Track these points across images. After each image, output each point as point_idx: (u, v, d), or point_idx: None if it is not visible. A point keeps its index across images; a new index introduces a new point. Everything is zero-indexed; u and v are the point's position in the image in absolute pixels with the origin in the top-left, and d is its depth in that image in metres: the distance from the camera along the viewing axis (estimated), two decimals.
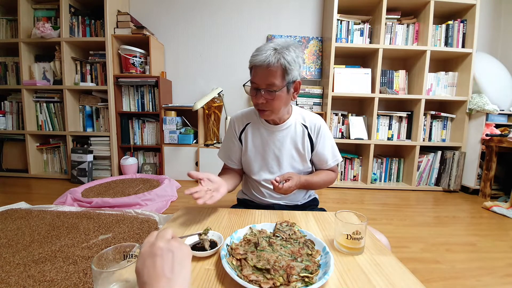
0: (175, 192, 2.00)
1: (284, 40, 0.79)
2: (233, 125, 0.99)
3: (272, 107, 0.83)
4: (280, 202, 0.98)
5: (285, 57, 0.75)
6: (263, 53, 0.76)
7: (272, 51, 0.76)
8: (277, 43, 0.78)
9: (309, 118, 0.96)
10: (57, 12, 2.28)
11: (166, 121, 2.33)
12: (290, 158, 0.94)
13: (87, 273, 0.96)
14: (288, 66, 0.76)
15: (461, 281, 1.05)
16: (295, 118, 0.94)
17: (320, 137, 0.94)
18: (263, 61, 0.75)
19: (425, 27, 2.24)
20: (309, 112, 0.99)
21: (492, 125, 2.17)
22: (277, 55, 0.75)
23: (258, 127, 0.95)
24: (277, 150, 0.93)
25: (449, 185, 2.29)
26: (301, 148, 0.94)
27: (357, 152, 2.54)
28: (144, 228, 1.35)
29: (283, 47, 0.76)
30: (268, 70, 0.76)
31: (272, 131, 0.93)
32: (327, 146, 0.96)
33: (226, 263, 0.47)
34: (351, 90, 2.30)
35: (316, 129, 0.94)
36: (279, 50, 0.76)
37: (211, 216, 0.77)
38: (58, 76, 2.34)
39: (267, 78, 0.77)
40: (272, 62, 0.75)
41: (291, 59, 0.76)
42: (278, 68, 0.76)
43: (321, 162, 0.97)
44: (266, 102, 0.81)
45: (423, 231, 1.50)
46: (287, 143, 0.93)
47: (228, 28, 2.58)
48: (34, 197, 1.91)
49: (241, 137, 0.97)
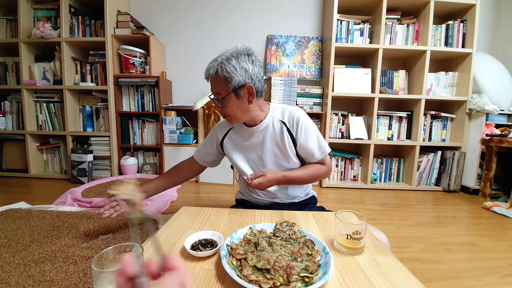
0: (175, 192, 2.00)
1: (232, 49, 0.85)
2: (216, 132, 1.05)
3: (228, 113, 0.89)
4: (276, 200, 0.99)
5: (223, 67, 0.81)
6: (209, 67, 0.85)
7: (215, 63, 0.83)
8: (222, 54, 0.84)
9: (288, 112, 0.95)
10: (57, 12, 2.28)
11: (166, 121, 2.33)
12: (273, 156, 0.95)
13: (87, 273, 0.96)
14: (227, 75, 0.81)
15: (461, 281, 1.05)
16: (272, 116, 0.95)
17: (301, 130, 0.93)
18: (208, 74, 0.85)
19: (425, 27, 2.24)
20: (288, 106, 0.99)
21: (492, 125, 2.17)
22: (217, 66, 0.82)
23: (238, 131, 0.99)
24: (259, 150, 0.96)
25: (449, 185, 2.29)
26: (282, 145, 0.94)
27: (357, 152, 2.54)
28: (144, 228, 1.35)
29: (224, 58, 0.83)
30: (213, 81, 0.85)
31: (252, 133, 0.96)
32: (311, 138, 0.94)
33: (226, 263, 0.47)
34: (351, 90, 2.30)
35: (295, 122, 0.93)
36: (220, 61, 0.82)
37: (211, 216, 0.77)
38: (58, 76, 2.34)
39: (213, 87, 0.87)
40: (213, 73, 0.83)
41: (232, 67, 0.81)
42: (220, 78, 0.83)
43: (307, 155, 0.96)
44: (222, 108, 0.88)
45: (423, 231, 1.50)
46: (268, 142, 0.94)
47: (228, 28, 2.58)
48: (34, 197, 1.91)
49: (223, 142, 1.02)
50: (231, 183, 2.29)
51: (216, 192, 2.09)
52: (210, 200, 1.92)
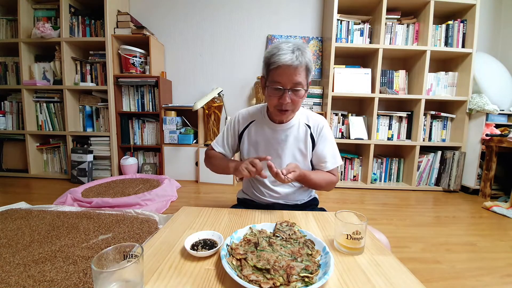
0: (175, 192, 2.00)
1: (297, 41, 0.80)
2: (237, 121, 1.00)
3: (295, 107, 0.84)
4: (280, 201, 0.98)
5: (306, 56, 0.77)
6: (288, 52, 0.76)
7: (296, 51, 0.76)
8: (294, 43, 0.78)
9: (313, 118, 0.96)
10: (57, 12, 2.28)
11: (166, 121, 2.33)
12: (292, 157, 0.94)
13: (87, 273, 0.96)
14: (310, 65, 0.79)
15: (461, 281, 1.05)
16: (299, 118, 0.95)
17: (321, 137, 0.94)
18: (292, 60, 0.75)
19: (425, 27, 2.24)
20: (314, 113, 1.00)
21: (492, 125, 2.17)
22: (301, 55, 0.76)
23: (262, 125, 0.96)
24: (280, 149, 0.94)
25: (449, 185, 2.29)
26: (303, 147, 0.94)
27: (357, 152, 2.54)
28: (144, 228, 1.35)
29: (301, 47, 0.78)
30: (295, 69, 0.77)
31: (276, 130, 0.93)
32: (328, 147, 0.95)
33: (226, 263, 0.47)
34: (351, 90, 2.30)
35: (318, 129, 0.94)
36: (301, 50, 0.77)
37: (211, 216, 0.77)
38: (58, 76, 2.34)
39: (294, 77, 0.78)
40: (299, 61, 0.76)
41: (310, 58, 0.79)
42: (303, 67, 0.78)
43: (319, 162, 0.96)
44: (291, 102, 0.81)
45: (423, 231, 1.50)
46: (290, 142, 0.93)
47: (228, 28, 2.58)
48: (34, 197, 1.91)
49: (243, 134, 0.98)
50: (231, 183, 2.29)
51: (216, 192, 2.09)
52: (210, 200, 1.92)
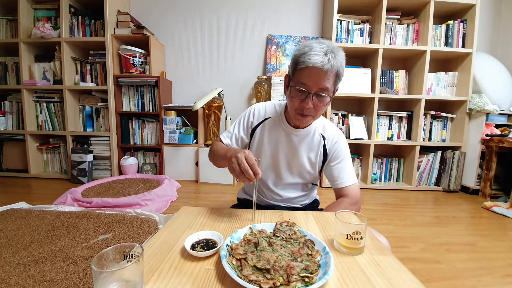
0: (175, 192, 2.00)
1: (331, 42, 0.72)
2: (252, 114, 0.93)
3: (316, 113, 0.77)
4: (281, 204, 0.98)
5: (339, 60, 0.70)
6: (321, 54, 0.68)
7: (330, 53, 0.69)
8: (328, 44, 0.71)
9: (329, 129, 0.91)
10: (57, 12, 2.28)
11: (166, 121, 2.33)
12: (300, 164, 0.91)
13: (87, 273, 0.96)
14: (341, 71, 0.72)
15: (461, 281, 1.05)
16: (316, 126, 0.90)
17: (336, 153, 0.89)
18: (323, 62, 0.68)
19: (425, 27, 2.24)
20: (332, 124, 0.94)
21: (492, 125, 2.17)
22: (334, 58, 0.69)
23: (276, 125, 0.90)
24: (290, 153, 0.90)
25: (449, 185, 2.29)
26: (314, 157, 0.90)
27: (357, 152, 2.54)
28: (144, 228, 1.35)
29: (335, 50, 0.70)
30: (324, 73, 0.70)
31: (290, 133, 0.88)
32: (344, 163, 0.88)
33: (226, 263, 0.47)
34: (351, 90, 2.30)
35: (333, 142, 0.89)
36: (335, 53, 0.70)
37: (211, 216, 0.77)
38: (58, 76, 2.34)
39: (322, 82, 0.71)
40: (331, 65, 0.69)
41: (343, 63, 0.72)
42: (333, 72, 0.71)
43: (332, 180, 0.90)
44: (313, 107, 0.75)
45: (423, 231, 1.50)
46: (302, 148, 0.89)
47: (228, 28, 2.58)
48: (34, 197, 1.91)
49: (256, 129, 0.92)
50: (231, 183, 2.29)
51: (216, 192, 2.09)
52: (210, 200, 1.92)
